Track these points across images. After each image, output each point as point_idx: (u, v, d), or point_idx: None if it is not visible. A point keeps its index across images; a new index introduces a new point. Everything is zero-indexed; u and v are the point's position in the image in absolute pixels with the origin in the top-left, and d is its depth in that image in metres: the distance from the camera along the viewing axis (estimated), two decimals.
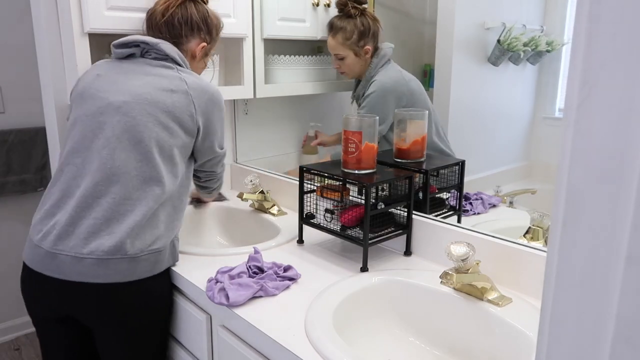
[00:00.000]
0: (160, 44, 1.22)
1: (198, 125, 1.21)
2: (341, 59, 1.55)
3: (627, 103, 0.30)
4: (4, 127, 2.33)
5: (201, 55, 1.34)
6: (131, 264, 1.12)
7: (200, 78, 1.24)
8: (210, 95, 1.23)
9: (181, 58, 1.25)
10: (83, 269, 1.09)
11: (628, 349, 0.32)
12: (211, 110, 1.23)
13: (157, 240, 1.16)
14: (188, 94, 1.18)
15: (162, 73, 1.20)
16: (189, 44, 1.30)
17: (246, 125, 1.90)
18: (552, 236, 0.35)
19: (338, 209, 1.27)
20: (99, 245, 1.09)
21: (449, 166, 1.35)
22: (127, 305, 1.14)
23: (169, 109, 1.16)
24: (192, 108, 1.19)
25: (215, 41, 1.37)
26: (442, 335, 1.06)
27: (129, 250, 1.11)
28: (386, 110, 1.46)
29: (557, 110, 1.25)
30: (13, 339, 2.53)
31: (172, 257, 1.23)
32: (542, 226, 1.11)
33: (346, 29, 1.50)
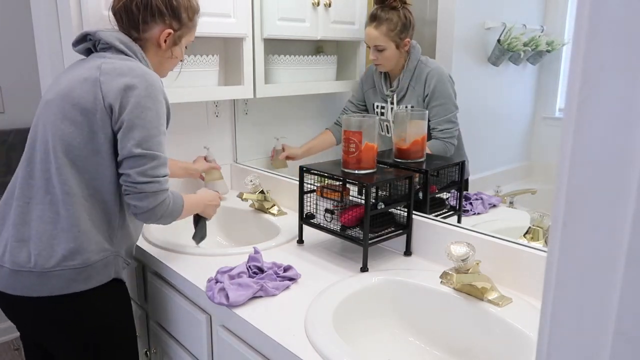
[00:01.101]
0: (98, 33, 1.11)
1: (111, 108, 1.04)
2: (381, 51, 1.50)
3: (627, 103, 0.30)
4: (4, 127, 2.33)
5: (169, 45, 1.18)
6: (40, 279, 1.03)
7: (127, 63, 1.08)
8: (128, 78, 1.04)
9: (124, 44, 1.11)
10: (2, 278, 1.06)
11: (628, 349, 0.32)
12: (126, 94, 1.04)
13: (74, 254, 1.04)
14: (97, 81, 1.04)
15: (90, 64, 1.08)
16: (151, 31, 1.15)
17: (246, 125, 1.90)
18: (552, 236, 0.35)
19: (338, 209, 1.27)
20: (12, 255, 1.05)
21: (449, 166, 1.35)
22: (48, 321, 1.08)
23: (75, 100, 1.04)
24: (99, 93, 1.04)
25: (189, 27, 1.20)
26: (442, 335, 1.06)
27: (35, 264, 1.03)
28: (453, 94, 1.43)
29: (557, 110, 1.25)
30: (13, 339, 2.53)
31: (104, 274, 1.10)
32: (542, 226, 1.11)
33: (392, 20, 1.46)
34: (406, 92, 1.50)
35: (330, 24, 1.73)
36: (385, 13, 1.47)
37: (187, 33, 1.21)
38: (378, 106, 1.59)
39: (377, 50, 1.51)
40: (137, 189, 1.06)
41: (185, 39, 1.21)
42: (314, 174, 1.31)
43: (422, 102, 1.46)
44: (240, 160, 1.92)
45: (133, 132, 1.04)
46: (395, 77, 1.53)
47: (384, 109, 1.58)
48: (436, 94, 1.44)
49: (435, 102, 1.44)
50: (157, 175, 1.07)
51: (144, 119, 1.05)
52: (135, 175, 1.05)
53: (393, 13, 1.46)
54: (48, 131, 1.06)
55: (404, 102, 1.51)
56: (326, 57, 1.79)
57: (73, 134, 1.05)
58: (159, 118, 1.07)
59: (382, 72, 1.56)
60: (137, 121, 1.04)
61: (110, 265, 1.12)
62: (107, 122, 1.05)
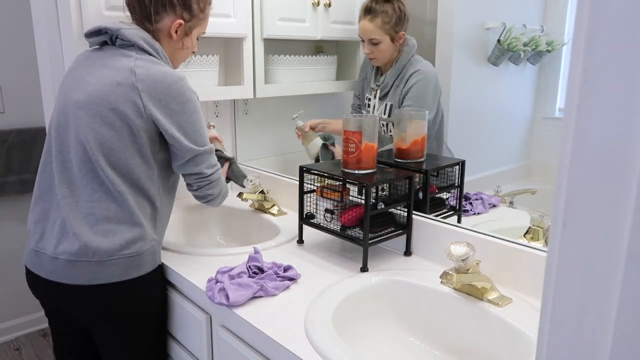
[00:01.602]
0: (121, 30, 1.12)
1: (152, 118, 1.09)
2: (375, 44, 1.47)
3: (627, 103, 0.30)
4: (4, 127, 2.33)
5: (180, 35, 1.20)
6: (98, 268, 1.10)
7: (159, 68, 1.11)
8: (165, 87, 1.09)
9: (147, 42, 1.14)
10: (56, 269, 1.11)
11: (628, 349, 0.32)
12: (169, 103, 1.10)
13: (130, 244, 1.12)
14: (134, 87, 1.07)
15: (117, 64, 1.10)
16: (163, 22, 1.17)
17: (246, 125, 1.90)
18: (552, 236, 0.35)
19: (338, 209, 1.27)
20: (67, 247, 1.09)
21: (449, 166, 1.35)
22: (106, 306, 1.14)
23: (113, 105, 1.07)
24: (138, 101, 1.08)
25: (200, 19, 1.22)
26: (442, 335, 1.06)
27: (94, 254, 1.09)
28: (433, 101, 1.41)
29: (557, 110, 1.25)
30: (13, 339, 2.53)
31: (152, 261, 1.18)
32: (542, 226, 1.11)
33: (387, 12, 1.44)
34: (389, 90, 1.49)
35: (330, 24, 1.73)
36: (380, 5, 1.45)
37: (198, 24, 1.22)
38: (367, 98, 1.58)
39: (371, 44, 1.48)
40: (211, 179, 1.21)
41: (196, 30, 1.23)
42: (314, 174, 1.31)
43: (399, 102, 1.45)
44: (240, 160, 1.92)
45: (188, 136, 1.14)
46: (384, 71, 1.51)
47: (370, 101, 1.56)
48: (409, 94, 1.43)
49: (406, 102, 1.43)
50: (216, 163, 1.23)
51: (192, 122, 1.14)
52: (205, 170, 1.19)
53: (387, 5, 1.44)
54: (84, 134, 1.09)
55: (386, 100, 1.50)
56: (326, 57, 1.79)
57: (113, 138, 1.09)
58: (200, 115, 1.17)
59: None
60: (187, 126, 1.13)
61: (156, 252, 1.20)
62: (149, 127, 1.10)
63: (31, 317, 2.58)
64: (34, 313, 2.58)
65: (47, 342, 2.50)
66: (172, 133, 1.11)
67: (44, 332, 2.59)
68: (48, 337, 2.54)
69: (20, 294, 2.51)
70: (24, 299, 2.53)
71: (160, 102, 1.09)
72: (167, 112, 1.10)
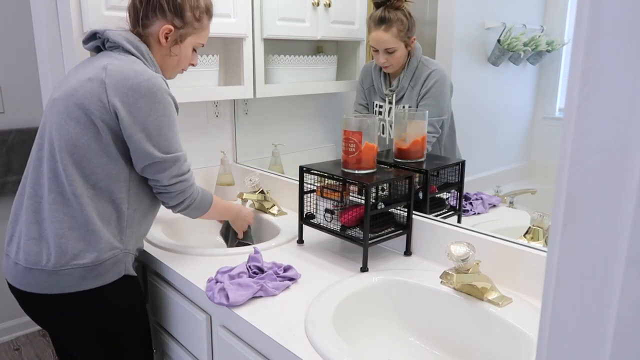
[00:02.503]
0: (106, 32, 1.12)
1: (116, 113, 1.04)
2: (391, 53, 1.45)
3: (627, 103, 0.30)
4: (4, 127, 2.33)
5: (170, 42, 1.17)
6: (52, 277, 1.06)
7: (133, 65, 1.07)
8: (134, 83, 1.04)
9: (131, 43, 1.12)
10: (16, 275, 1.09)
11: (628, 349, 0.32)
12: (136, 100, 1.04)
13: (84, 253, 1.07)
14: (102, 82, 1.04)
15: (95, 63, 1.08)
16: (153, 27, 1.15)
17: (246, 125, 1.90)
18: (552, 236, 0.35)
19: (338, 209, 1.27)
20: (24, 254, 1.07)
21: (449, 166, 1.35)
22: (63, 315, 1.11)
23: (79, 100, 1.04)
24: (103, 96, 1.03)
25: (194, 27, 1.18)
26: (442, 335, 1.06)
27: (47, 263, 1.05)
28: (449, 101, 1.41)
29: (557, 110, 1.25)
30: (13, 339, 2.53)
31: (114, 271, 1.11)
32: (542, 226, 1.11)
33: (401, 21, 1.42)
34: (405, 92, 1.48)
35: (330, 24, 1.73)
36: (393, 14, 1.44)
37: (192, 33, 1.19)
38: (377, 105, 1.58)
39: (387, 53, 1.47)
40: (168, 190, 1.14)
41: (190, 38, 1.20)
42: (314, 174, 1.31)
43: (416, 102, 1.45)
44: (240, 160, 1.92)
45: (151, 139, 1.07)
46: (395, 76, 1.51)
47: (382, 108, 1.56)
48: (429, 93, 1.42)
49: (426, 100, 1.42)
50: (183, 174, 1.14)
51: (159, 125, 1.07)
52: (165, 179, 1.12)
53: (399, 13, 1.44)
54: (54, 131, 1.07)
55: (403, 102, 1.49)
56: (326, 57, 1.79)
57: (78, 135, 1.05)
58: (172, 120, 1.10)
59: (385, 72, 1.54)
60: (152, 128, 1.07)
61: (120, 262, 1.13)
62: (114, 124, 1.06)
63: None
64: None
65: (47, 342, 2.50)
66: (131, 133, 1.06)
67: (44, 332, 2.58)
68: (48, 337, 2.54)
69: None
70: None
71: (126, 98, 1.04)
72: (132, 109, 1.04)
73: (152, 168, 1.10)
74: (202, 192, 1.22)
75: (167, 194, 1.15)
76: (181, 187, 1.15)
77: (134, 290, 1.19)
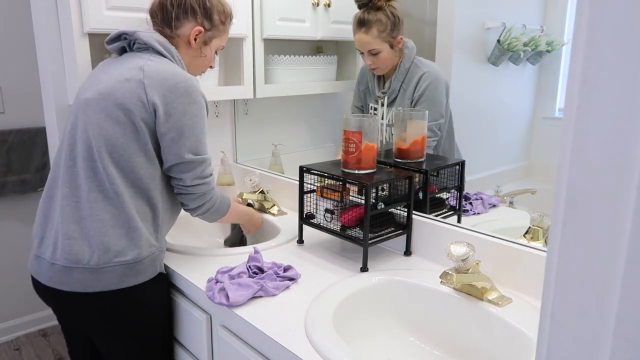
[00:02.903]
0: (137, 33, 1.14)
1: (155, 111, 1.07)
2: (375, 54, 1.45)
3: (627, 103, 0.30)
4: (4, 127, 2.33)
5: (199, 44, 1.22)
6: (94, 275, 1.07)
7: (169, 67, 1.11)
8: (172, 84, 1.08)
9: (162, 45, 1.15)
10: (54, 275, 1.09)
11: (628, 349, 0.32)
12: (173, 100, 1.08)
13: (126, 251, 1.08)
14: (141, 82, 1.07)
15: (129, 65, 1.11)
16: (183, 28, 1.19)
17: (246, 125, 1.90)
18: (552, 236, 0.35)
19: (338, 209, 1.27)
20: (63, 253, 1.08)
21: (449, 166, 1.35)
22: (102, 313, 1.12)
23: (119, 101, 1.06)
24: (143, 96, 1.06)
25: (220, 30, 1.24)
26: (442, 335, 1.06)
27: (89, 261, 1.06)
28: (444, 102, 1.40)
29: (557, 110, 1.25)
30: (13, 339, 2.53)
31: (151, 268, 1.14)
32: (542, 226, 1.11)
33: (381, 21, 1.42)
34: (397, 94, 1.47)
35: (330, 24, 1.73)
36: (373, 15, 1.43)
37: (218, 35, 1.24)
38: (372, 107, 1.57)
39: (371, 55, 1.46)
40: (189, 191, 1.16)
41: (215, 41, 1.25)
42: (314, 174, 1.31)
43: (410, 105, 1.43)
44: (240, 160, 1.92)
45: (183, 139, 1.10)
46: (388, 78, 1.49)
47: (376, 110, 1.55)
48: (423, 97, 1.41)
49: (420, 105, 1.41)
50: (206, 176, 1.17)
51: (192, 126, 1.11)
52: (188, 179, 1.14)
53: (380, 13, 1.42)
54: (90, 131, 1.08)
55: (395, 105, 1.47)
56: (326, 57, 1.79)
57: (117, 134, 1.07)
58: (204, 122, 1.14)
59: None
60: (186, 129, 1.10)
61: (157, 260, 1.15)
62: (152, 124, 1.08)
63: (31, 317, 2.58)
64: (34, 313, 2.58)
65: (47, 342, 2.50)
66: (165, 131, 1.09)
67: (44, 332, 2.59)
68: (48, 337, 2.54)
69: (20, 294, 2.51)
70: (24, 299, 2.53)
71: (164, 97, 1.07)
72: (169, 109, 1.08)
73: (178, 167, 1.13)
74: (220, 196, 1.25)
75: (188, 195, 1.16)
76: (203, 190, 1.17)
77: (166, 287, 1.23)
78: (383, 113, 1.52)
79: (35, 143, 2.39)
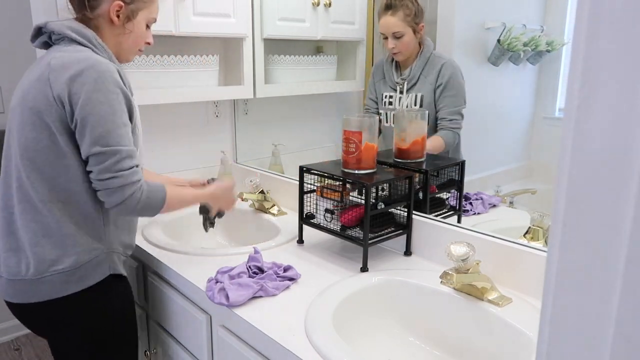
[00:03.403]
0: (48, 24, 1.06)
1: (63, 105, 1.00)
2: (399, 38, 1.47)
3: (627, 103, 0.30)
4: (3, 127, 2.33)
5: (122, 20, 1.10)
6: (33, 286, 1.05)
7: (76, 55, 1.02)
8: (75, 72, 0.98)
9: (77, 32, 1.05)
10: (1, 287, 1.09)
11: (628, 349, 0.32)
12: (76, 90, 0.98)
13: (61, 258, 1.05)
14: (47, 80, 1.00)
15: (42, 61, 1.04)
16: (101, 7, 1.08)
17: (246, 125, 1.90)
18: (552, 236, 0.35)
19: (338, 209, 1.27)
20: (5, 266, 1.07)
21: (449, 166, 1.35)
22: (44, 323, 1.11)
23: (31, 104, 1.01)
24: (49, 92, 0.99)
25: (145, 1, 1.12)
26: (442, 335, 1.06)
27: (27, 273, 1.04)
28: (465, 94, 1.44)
29: (557, 110, 1.25)
30: (13, 339, 2.53)
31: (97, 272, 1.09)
32: (542, 226, 1.11)
33: (407, 5, 1.45)
34: (417, 81, 1.49)
35: (330, 24, 1.73)
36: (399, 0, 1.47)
37: (143, 7, 1.13)
38: (386, 96, 1.59)
39: (395, 38, 1.48)
40: (102, 185, 1.03)
41: (142, 13, 1.13)
42: (314, 174, 1.31)
43: (433, 92, 1.45)
44: (240, 160, 1.92)
45: (87, 129, 1.00)
46: (407, 65, 1.52)
47: (392, 98, 1.57)
48: (450, 85, 1.43)
49: (449, 92, 1.43)
50: (120, 170, 1.03)
51: (97, 115, 0.99)
52: (97, 172, 1.02)
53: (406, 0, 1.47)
54: (14, 139, 1.05)
55: (414, 91, 1.50)
56: (326, 57, 1.79)
57: (35, 139, 1.02)
58: (114, 111, 1.02)
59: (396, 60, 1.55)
60: (90, 117, 0.99)
61: (103, 262, 1.10)
62: (65, 121, 1.01)
63: None
64: None
65: (47, 342, 2.50)
66: (74, 124, 1.01)
67: None
68: None
69: None
70: None
71: (68, 88, 0.99)
72: (72, 98, 0.99)
73: (90, 161, 1.03)
74: (148, 189, 1.08)
75: (101, 190, 1.04)
76: (116, 184, 1.02)
77: (121, 289, 1.17)
78: (401, 99, 1.53)
79: None
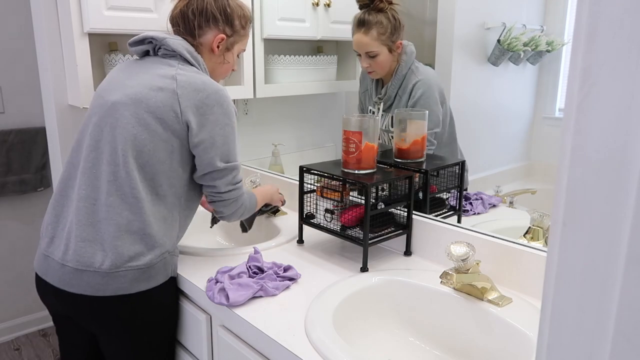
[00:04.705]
0: (166, 39, 1.14)
1: (188, 124, 1.10)
2: (373, 57, 1.43)
3: (627, 102, 0.30)
4: (4, 127, 2.33)
5: (222, 50, 1.22)
6: (104, 279, 1.06)
7: (200, 77, 1.12)
8: (205, 95, 1.10)
9: (190, 53, 1.16)
10: (63, 276, 1.08)
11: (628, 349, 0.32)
12: (205, 112, 1.10)
13: (139, 256, 1.09)
14: (175, 93, 1.08)
15: (159, 71, 1.12)
16: (206, 37, 1.19)
17: (246, 125, 1.90)
18: (552, 236, 0.35)
19: (338, 209, 1.27)
20: (75, 255, 1.07)
21: (449, 166, 1.35)
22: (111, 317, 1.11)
23: (152, 109, 1.08)
24: (177, 107, 1.08)
25: (241, 35, 1.25)
26: (442, 335, 1.06)
27: (101, 265, 1.06)
28: (439, 110, 1.39)
29: (557, 110, 1.25)
30: (13, 339, 2.53)
31: (163, 274, 1.14)
32: (542, 226, 1.11)
33: (382, 23, 1.40)
34: (393, 101, 1.45)
35: (330, 24, 1.73)
36: (374, 16, 1.41)
37: (239, 40, 1.25)
38: (370, 110, 1.57)
39: (369, 57, 1.44)
40: (222, 198, 1.18)
41: (237, 46, 1.26)
42: (314, 174, 1.31)
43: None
44: (241, 160, 1.92)
45: (215, 148, 1.12)
46: (385, 83, 1.47)
47: (374, 114, 1.53)
48: (417, 107, 1.40)
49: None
50: (237, 182, 1.19)
51: (224, 136, 1.13)
52: (221, 186, 1.16)
53: (381, 15, 1.40)
54: (118, 134, 1.08)
55: (391, 112, 1.46)
56: (326, 57, 1.79)
57: (145, 141, 1.08)
58: (234, 130, 1.16)
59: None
60: (218, 138, 1.12)
61: (168, 265, 1.15)
62: (183, 134, 1.10)
63: (31, 317, 2.58)
64: (34, 313, 2.59)
65: (47, 342, 2.50)
66: (198, 142, 1.11)
67: (44, 332, 2.59)
68: (48, 337, 2.54)
69: (20, 294, 2.52)
70: (24, 299, 2.53)
71: (197, 109, 1.09)
72: (202, 120, 1.10)
73: (211, 175, 1.15)
74: (248, 196, 1.26)
75: (222, 201, 1.18)
76: (235, 195, 1.19)
77: (176, 291, 1.22)
78: (381, 118, 1.50)
79: (35, 143, 2.39)
